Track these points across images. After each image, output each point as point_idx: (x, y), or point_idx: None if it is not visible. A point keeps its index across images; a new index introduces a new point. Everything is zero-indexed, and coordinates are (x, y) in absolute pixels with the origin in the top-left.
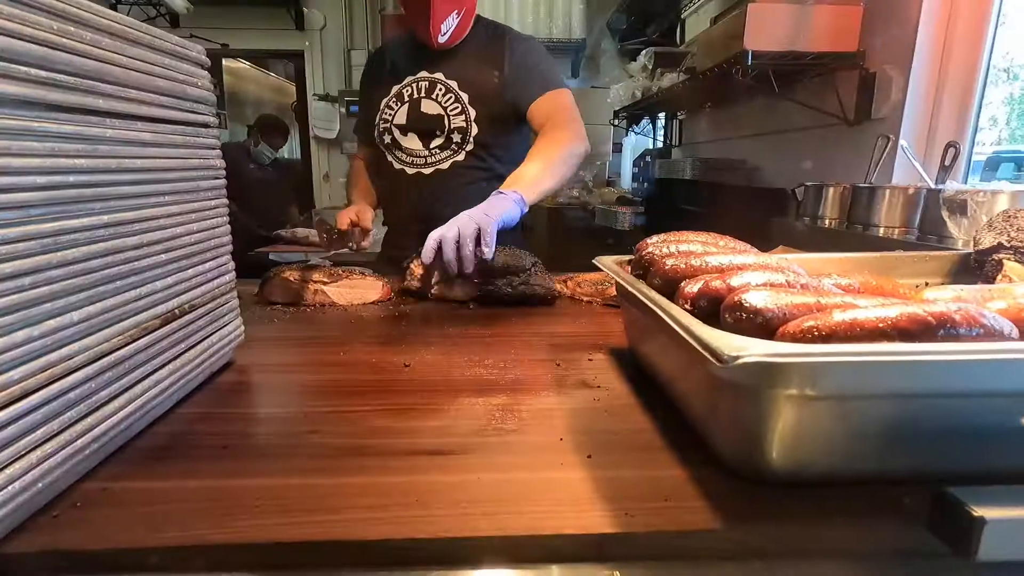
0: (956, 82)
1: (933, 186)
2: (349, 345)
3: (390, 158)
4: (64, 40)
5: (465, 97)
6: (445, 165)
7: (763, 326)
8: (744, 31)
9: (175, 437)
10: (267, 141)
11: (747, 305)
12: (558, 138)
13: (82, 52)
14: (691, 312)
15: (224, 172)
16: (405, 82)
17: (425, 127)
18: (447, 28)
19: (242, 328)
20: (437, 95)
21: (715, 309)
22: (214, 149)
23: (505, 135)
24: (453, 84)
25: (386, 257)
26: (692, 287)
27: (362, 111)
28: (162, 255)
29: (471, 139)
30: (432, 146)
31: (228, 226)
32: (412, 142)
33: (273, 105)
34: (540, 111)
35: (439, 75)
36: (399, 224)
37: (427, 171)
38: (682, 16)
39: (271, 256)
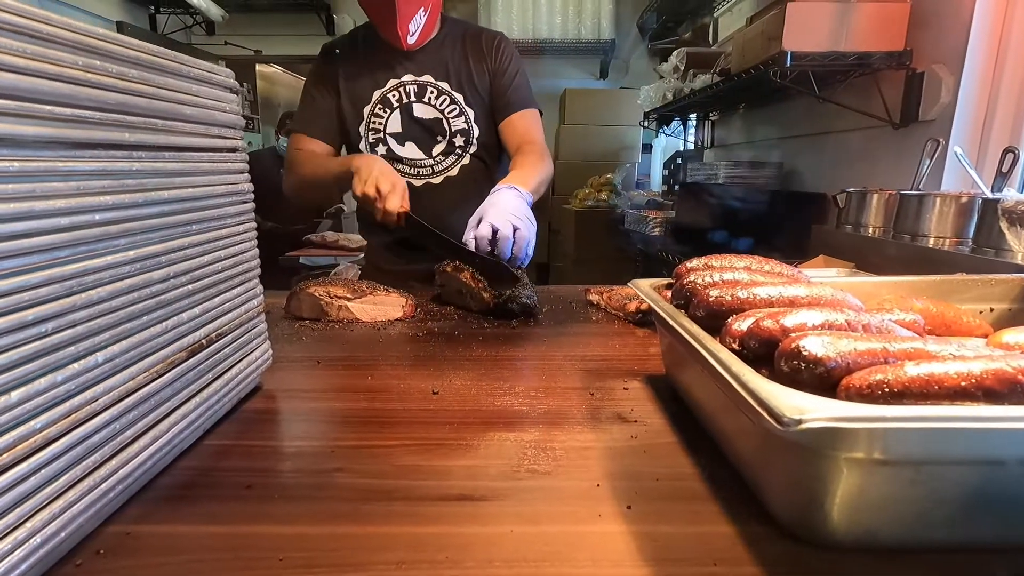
0: (1013, 82)
1: (989, 194)
2: (377, 368)
3: None
4: (90, 75)
5: (461, 98)
6: (454, 171)
7: (823, 377)
8: (783, 31)
9: (199, 474)
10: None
11: (806, 353)
12: (538, 162)
13: (108, 86)
14: (739, 352)
15: (252, 195)
16: (388, 86)
17: (423, 133)
18: (415, 27)
19: (270, 352)
20: (430, 98)
21: (766, 351)
22: (242, 174)
23: (497, 131)
24: (444, 86)
25: (405, 275)
26: (741, 324)
27: (312, 107)
28: (188, 285)
29: (474, 140)
30: (435, 153)
31: (256, 250)
32: (411, 151)
33: None
34: (517, 128)
35: (427, 77)
36: (418, 239)
37: (437, 180)
38: (715, 15)
39: (301, 260)
